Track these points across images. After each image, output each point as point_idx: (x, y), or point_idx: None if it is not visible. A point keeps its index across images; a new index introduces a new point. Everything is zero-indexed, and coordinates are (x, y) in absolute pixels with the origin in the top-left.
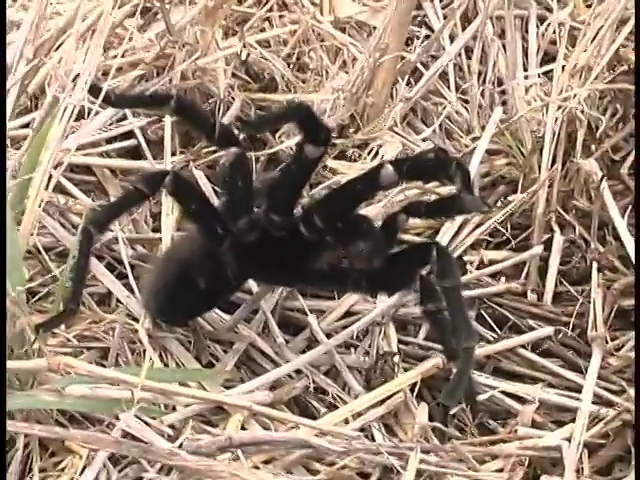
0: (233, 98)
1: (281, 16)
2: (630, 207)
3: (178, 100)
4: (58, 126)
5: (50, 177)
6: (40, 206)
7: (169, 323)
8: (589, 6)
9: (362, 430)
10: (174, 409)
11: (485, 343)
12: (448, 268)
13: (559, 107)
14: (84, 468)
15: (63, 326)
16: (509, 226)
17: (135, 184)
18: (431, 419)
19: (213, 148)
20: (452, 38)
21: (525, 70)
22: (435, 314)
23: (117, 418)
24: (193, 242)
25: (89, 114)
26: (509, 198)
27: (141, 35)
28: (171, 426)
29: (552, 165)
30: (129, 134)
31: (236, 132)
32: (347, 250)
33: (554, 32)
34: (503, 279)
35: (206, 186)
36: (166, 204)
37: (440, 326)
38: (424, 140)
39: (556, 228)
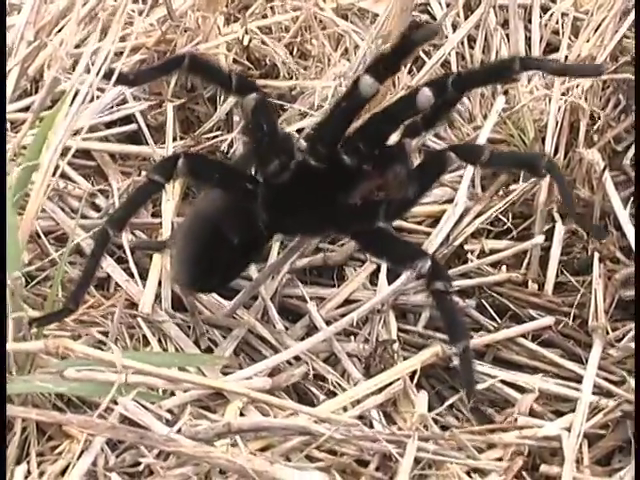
0: None
1: (283, 3)
2: (632, 198)
3: (191, 58)
4: (68, 111)
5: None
6: (46, 193)
7: (204, 290)
8: None
9: (361, 418)
10: (173, 394)
11: (485, 332)
12: (441, 270)
13: (562, 97)
14: (81, 452)
15: None
16: (510, 215)
17: (149, 176)
18: (430, 408)
19: (214, 133)
20: (455, 27)
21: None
22: (443, 294)
23: (115, 402)
24: (220, 199)
25: (93, 98)
26: (510, 187)
27: (142, 20)
28: (169, 411)
29: (554, 155)
30: (128, 119)
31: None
32: (385, 176)
33: (557, 22)
34: (504, 268)
35: None
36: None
37: (446, 307)
38: None
39: (557, 218)
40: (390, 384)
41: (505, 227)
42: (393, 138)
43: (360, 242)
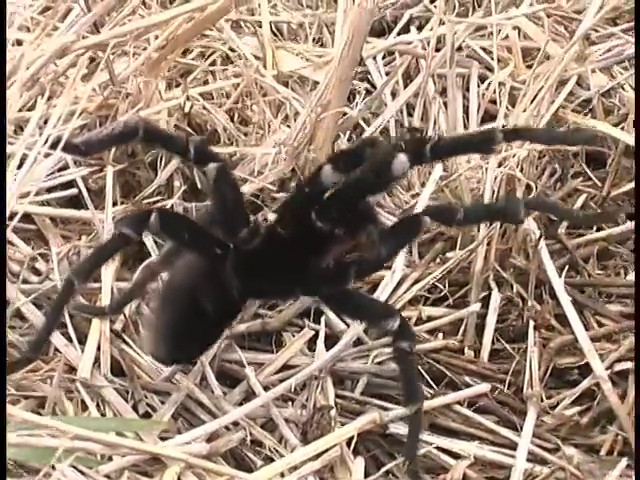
0: None
1: (224, 69)
2: (567, 266)
3: (145, 129)
4: (15, 177)
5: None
6: None
7: (181, 361)
8: (529, 67)
9: None
10: (110, 459)
11: None
12: (409, 330)
13: (498, 166)
14: None
15: None
16: (447, 283)
17: (119, 229)
18: (367, 474)
19: (154, 198)
20: (394, 95)
21: (465, 128)
22: (406, 354)
23: (53, 468)
24: (189, 268)
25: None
26: (447, 255)
27: (84, 85)
28: (107, 476)
29: (490, 223)
30: (69, 183)
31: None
32: (359, 238)
33: (495, 92)
34: (440, 335)
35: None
36: None
37: (407, 367)
38: None
39: (494, 286)
40: (327, 450)
41: (442, 294)
42: None
43: (330, 304)
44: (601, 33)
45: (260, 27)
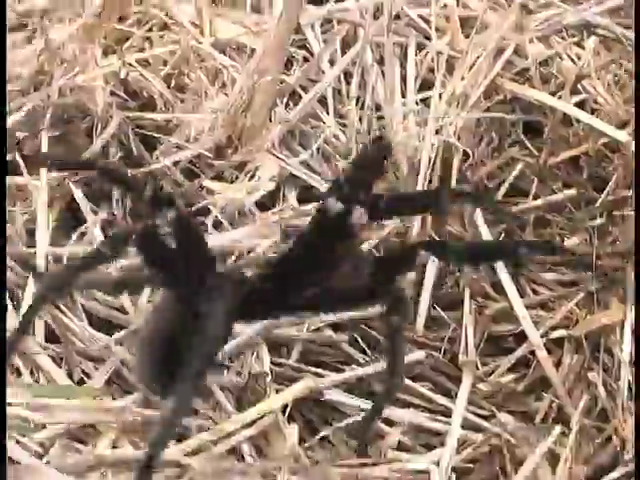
0: (111, 116)
1: (161, 36)
2: (503, 234)
3: (103, 166)
4: None
5: None
6: None
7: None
8: (468, 36)
9: (232, 450)
10: (44, 427)
11: (356, 366)
12: (402, 305)
13: (435, 133)
14: None
15: None
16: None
17: (99, 247)
18: (301, 441)
19: None
20: (332, 63)
21: (403, 96)
22: (395, 330)
23: None
24: (168, 307)
25: None
26: (384, 222)
27: (19, 50)
28: (41, 444)
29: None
30: None
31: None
32: (331, 280)
33: (432, 60)
34: None
35: (82, 202)
36: (41, 216)
37: (394, 342)
38: (302, 163)
39: None
40: (262, 417)
41: None
42: None
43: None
44: (539, 2)
45: None
